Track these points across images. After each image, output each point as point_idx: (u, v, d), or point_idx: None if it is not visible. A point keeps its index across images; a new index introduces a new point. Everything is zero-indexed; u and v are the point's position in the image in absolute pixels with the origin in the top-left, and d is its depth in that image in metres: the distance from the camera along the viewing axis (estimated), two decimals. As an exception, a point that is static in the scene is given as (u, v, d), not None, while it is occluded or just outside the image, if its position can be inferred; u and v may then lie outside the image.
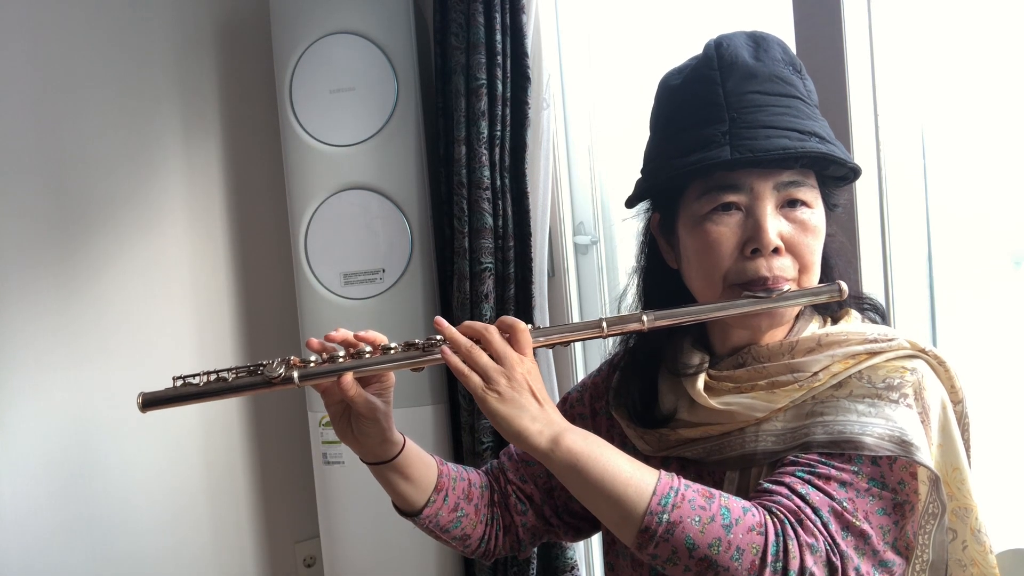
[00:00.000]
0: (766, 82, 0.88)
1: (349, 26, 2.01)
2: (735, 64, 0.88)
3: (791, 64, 0.91)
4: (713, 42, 0.91)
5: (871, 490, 0.80)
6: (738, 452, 0.89)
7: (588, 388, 1.11)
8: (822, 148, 0.86)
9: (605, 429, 1.05)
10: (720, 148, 0.86)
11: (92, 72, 2.10)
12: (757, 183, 0.87)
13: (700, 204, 0.89)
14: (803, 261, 0.89)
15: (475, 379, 0.83)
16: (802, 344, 0.89)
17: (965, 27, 1.37)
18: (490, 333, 0.85)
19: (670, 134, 0.93)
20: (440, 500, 1.00)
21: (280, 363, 0.87)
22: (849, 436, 0.81)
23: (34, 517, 2.02)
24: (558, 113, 1.99)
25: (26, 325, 2.01)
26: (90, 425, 2.08)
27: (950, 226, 1.42)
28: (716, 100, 0.88)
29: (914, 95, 1.39)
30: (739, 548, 0.74)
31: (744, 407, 0.88)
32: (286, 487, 2.37)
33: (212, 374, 0.88)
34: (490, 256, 1.90)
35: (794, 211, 0.88)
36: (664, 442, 0.95)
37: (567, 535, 1.10)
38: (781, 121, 0.86)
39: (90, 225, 2.10)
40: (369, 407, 0.91)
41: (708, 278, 0.90)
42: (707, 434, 0.91)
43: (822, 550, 0.75)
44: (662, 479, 0.78)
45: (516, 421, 0.81)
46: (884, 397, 0.84)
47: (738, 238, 0.88)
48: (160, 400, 0.88)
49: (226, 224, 2.30)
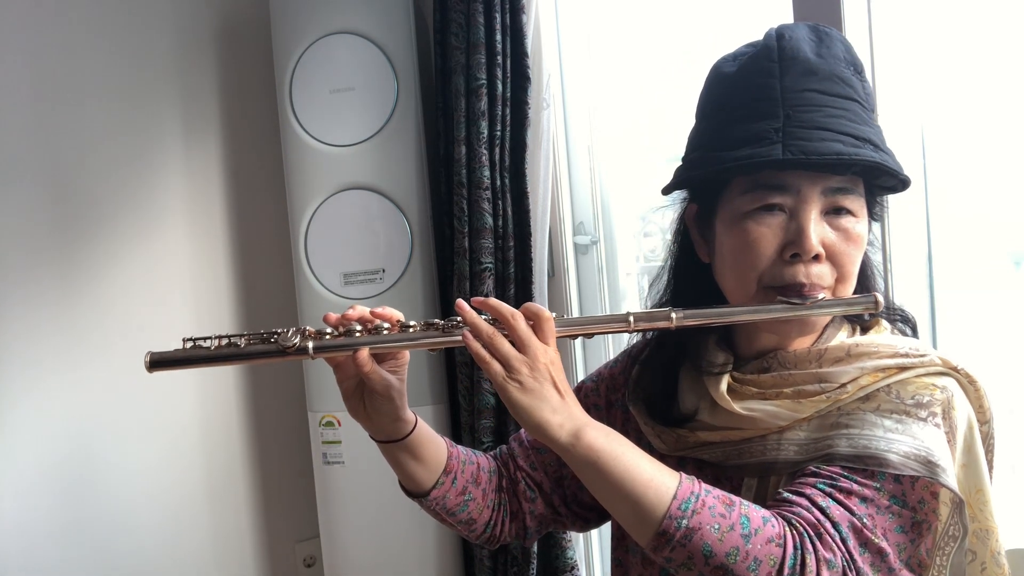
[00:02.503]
0: (825, 81, 0.84)
1: (349, 26, 2.01)
2: (796, 58, 0.84)
3: (853, 64, 0.87)
4: (775, 32, 0.87)
5: (891, 507, 0.79)
6: (758, 459, 0.87)
7: (605, 379, 1.08)
8: (876, 157, 0.83)
9: (620, 422, 1.03)
10: (772, 145, 0.82)
11: (92, 72, 2.10)
12: (805, 186, 0.84)
13: (743, 201, 0.86)
14: (842, 271, 0.86)
15: (496, 367, 0.81)
16: (831, 353, 0.87)
17: (965, 27, 1.37)
18: (515, 319, 0.83)
19: (719, 124, 0.89)
20: (449, 482, 0.98)
21: (295, 332, 0.84)
22: (874, 452, 0.79)
23: (34, 517, 2.01)
24: (558, 113, 1.99)
25: (27, 325, 2.01)
26: (90, 425, 2.08)
27: (950, 226, 1.42)
28: (772, 94, 0.84)
29: (914, 95, 1.39)
30: (756, 559, 0.73)
31: (768, 415, 0.86)
32: (286, 487, 2.37)
33: (224, 338, 0.86)
34: (490, 256, 1.90)
35: (839, 219, 0.85)
36: (682, 442, 0.93)
37: (574, 525, 1.09)
38: (837, 124, 0.83)
39: (90, 225, 2.10)
40: (384, 384, 0.89)
41: (742, 278, 0.87)
42: (727, 438, 0.89)
43: (839, 566, 0.74)
44: (683, 483, 0.77)
45: (537, 413, 0.80)
46: (912, 414, 0.82)
47: (779, 240, 0.85)
48: (168, 361, 0.86)
49: (226, 224, 2.30)
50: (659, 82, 1.85)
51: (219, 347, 0.85)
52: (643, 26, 1.90)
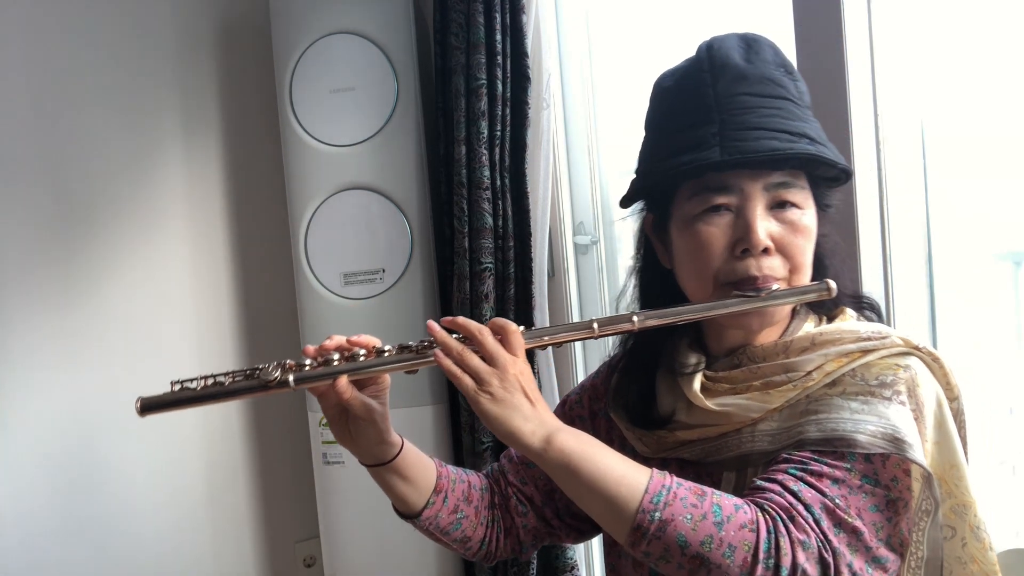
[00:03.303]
0: (756, 84, 0.88)
1: (349, 26, 2.01)
2: (726, 66, 0.89)
3: (782, 66, 0.91)
4: (705, 44, 0.92)
5: (864, 487, 0.80)
6: (735, 453, 0.90)
7: (587, 390, 1.11)
8: (811, 149, 0.86)
9: (604, 431, 1.05)
10: (710, 149, 0.86)
11: (92, 73, 2.10)
12: (747, 184, 0.88)
13: (691, 205, 0.90)
14: (793, 261, 0.89)
15: (467, 381, 0.84)
16: (796, 344, 0.90)
17: (965, 27, 1.37)
18: (483, 335, 0.86)
19: (662, 135, 0.94)
20: (440, 501, 1.01)
21: (276, 367, 0.88)
22: (842, 434, 0.81)
23: (35, 517, 2.02)
24: (558, 113, 1.99)
25: (27, 326, 2.01)
26: (91, 425, 2.08)
27: (950, 226, 1.42)
28: (707, 102, 0.88)
29: (914, 95, 1.40)
30: (731, 545, 0.74)
31: (740, 408, 0.89)
32: (286, 487, 2.37)
33: (209, 378, 0.89)
34: (490, 256, 1.90)
35: (784, 212, 0.89)
36: (663, 444, 0.95)
37: (568, 537, 1.11)
38: (771, 123, 0.87)
39: (91, 225, 2.10)
40: (365, 409, 0.92)
41: (699, 278, 0.91)
42: (704, 435, 0.92)
43: (814, 547, 0.75)
44: (654, 477, 0.79)
45: (508, 421, 0.82)
46: (877, 394, 0.84)
47: (728, 238, 0.88)
48: (158, 404, 0.89)
49: (226, 224, 2.30)
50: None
51: (205, 387, 0.89)
52: (643, 26, 1.90)
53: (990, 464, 1.37)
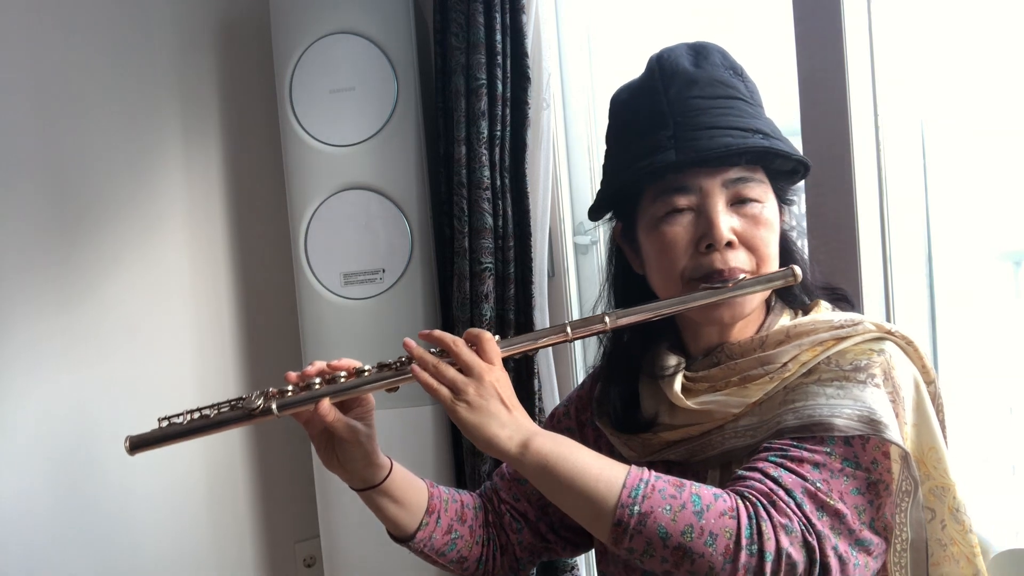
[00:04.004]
0: (707, 87, 0.91)
1: (349, 26, 2.01)
2: (676, 73, 0.92)
3: (731, 68, 0.94)
4: (655, 56, 0.96)
5: (845, 470, 0.81)
6: (719, 450, 0.91)
7: (573, 401, 1.13)
8: (765, 143, 0.89)
9: (592, 440, 1.06)
10: (666, 152, 0.89)
11: (92, 73, 2.10)
12: (705, 182, 0.90)
13: (655, 208, 0.92)
14: (758, 253, 0.91)
15: (444, 391, 0.85)
16: (772, 338, 0.91)
17: (965, 27, 1.37)
18: (457, 346, 0.87)
19: (621, 145, 0.97)
20: (433, 522, 1.01)
21: (259, 395, 0.90)
22: (819, 419, 0.82)
23: (34, 517, 2.01)
24: (558, 113, 1.99)
25: (27, 326, 2.01)
26: (91, 425, 2.08)
27: (950, 226, 1.42)
28: (660, 108, 0.91)
29: (914, 95, 1.39)
30: (712, 533, 0.75)
31: (719, 404, 0.90)
32: (286, 487, 2.37)
33: (195, 412, 0.91)
34: (490, 256, 1.90)
35: (744, 207, 0.91)
36: (648, 447, 0.96)
37: (565, 551, 1.11)
38: (723, 121, 0.89)
39: (90, 225, 2.10)
40: (350, 431, 0.93)
41: (667, 277, 0.93)
42: (688, 435, 0.93)
43: (797, 530, 0.75)
44: (631, 472, 0.79)
45: (485, 429, 0.83)
46: (852, 379, 0.85)
47: (692, 235, 0.91)
48: (147, 442, 0.92)
49: (226, 224, 2.30)
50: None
51: (191, 421, 0.91)
52: (643, 25, 1.90)
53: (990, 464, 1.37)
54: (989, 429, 1.36)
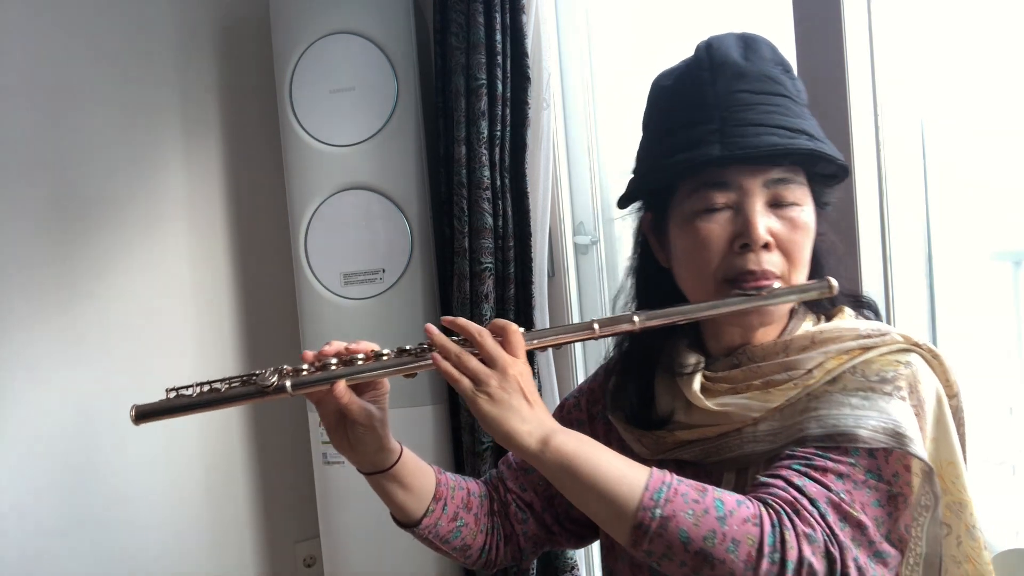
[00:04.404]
0: (755, 81, 0.88)
1: (349, 26, 2.01)
2: (725, 64, 0.89)
3: (780, 64, 0.91)
4: (703, 44, 0.92)
5: (868, 482, 0.80)
6: (735, 453, 0.89)
7: (585, 393, 1.11)
8: (811, 145, 0.86)
9: (603, 433, 1.05)
10: (710, 146, 0.87)
11: (92, 72, 2.10)
12: (746, 180, 0.88)
13: (690, 202, 0.90)
14: (792, 258, 0.89)
15: (465, 383, 0.83)
16: (796, 342, 0.90)
17: (965, 26, 1.37)
18: (482, 336, 0.85)
19: (661, 134, 0.93)
20: (439, 509, 1.00)
21: (273, 372, 0.87)
22: (844, 429, 0.81)
23: (34, 516, 2.02)
24: (558, 113, 1.99)
25: (27, 325, 2.01)
26: (91, 425, 2.08)
27: (950, 226, 1.42)
28: (706, 100, 0.88)
29: (914, 94, 1.39)
30: (735, 540, 0.73)
31: (740, 407, 0.88)
32: (286, 487, 2.37)
33: (205, 385, 0.88)
34: (490, 256, 1.90)
35: (783, 209, 0.89)
36: (661, 444, 0.95)
37: (569, 542, 1.10)
38: (770, 119, 0.87)
39: (90, 225, 2.10)
40: (365, 414, 0.91)
41: (698, 275, 0.91)
42: (704, 436, 0.91)
43: (820, 540, 0.74)
44: (654, 475, 0.78)
45: (505, 423, 0.82)
46: (878, 390, 0.84)
47: (728, 234, 0.88)
48: (153, 412, 0.89)
49: (226, 224, 2.30)
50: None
51: (201, 394, 0.87)
52: (643, 25, 1.90)
53: (990, 464, 1.36)
54: (989, 429, 1.36)
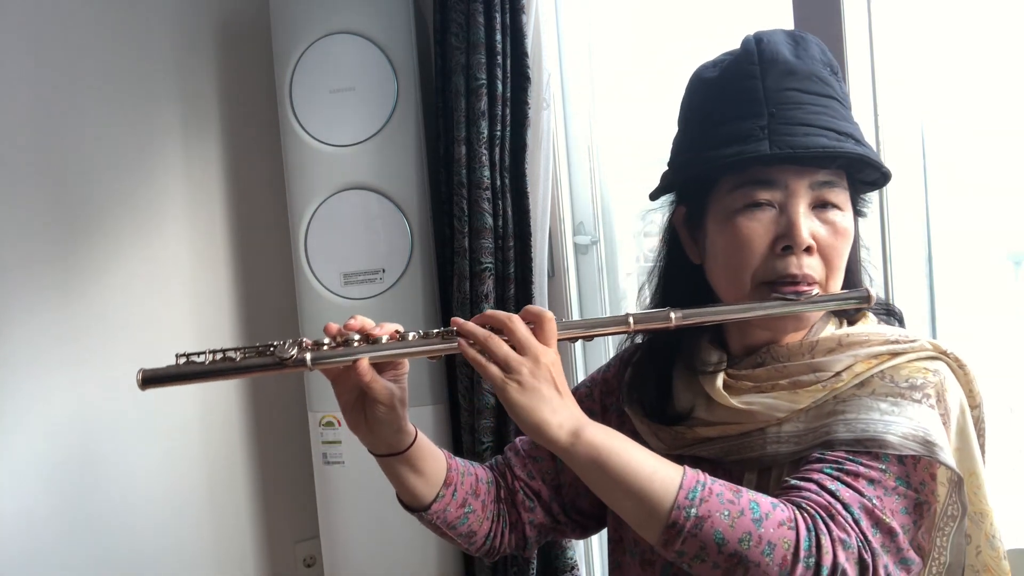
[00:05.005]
0: (805, 80, 0.87)
1: (349, 26, 2.01)
2: (776, 60, 0.87)
3: (829, 65, 0.90)
4: (753, 37, 0.90)
5: (898, 489, 0.79)
6: (758, 453, 0.88)
7: (598, 383, 1.09)
8: (859, 150, 0.85)
9: (616, 426, 1.01)
10: (759, 142, 0.85)
11: (92, 72, 2.09)
12: (793, 180, 0.86)
13: (733, 198, 0.87)
14: (831, 264, 0.88)
15: (493, 369, 0.80)
16: (823, 344, 0.88)
17: (965, 27, 1.37)
18: (513, 323, 0.82)
19: (705, 127, 0.91)
20: (449, 495, 0.97)
21: (292, 344, 0.82)
22: (873, 434, 0.80)
23: (35, 517, 2.01)
24: (558, 113, 1.99)
25: (26, 324, 2.01)
26: (90, 425, 2.08)
27: (950, 226, 1.42)
28: (755, 95, 0.86)
29: (914, 95, 1.39)
30: (770, 543, 0.72)
31: (766, 407, 0.87)
32: (286, 487, 2.37)
33: (218, 352, 0.83)
34: (490, 256, 1.90)
35: (826, 212, 0.87)
36: (680, 440, 0.93)
37: (574, 533, 1.09)
38: (819, 120, 0.85)
39: (90, 225, 2.10)
40: (387, 393, 0.88)
41: (736, 274, 0.88)
42: (725, 433, 0.90)
43: (854, 546, 0.73)
44: (688, 473, 0.76)
45: (536, 413, 0.79)
46: (907, 396, 0.83)
47: (771, 235, 0.86)
48: (161, 378, 0.82)
49: (226, 224, 2.30)
50: (659, 81, 1.85)
51: (214, 362, 0.82)
52: (643, 25, 1.90)
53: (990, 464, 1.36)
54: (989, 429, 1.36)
